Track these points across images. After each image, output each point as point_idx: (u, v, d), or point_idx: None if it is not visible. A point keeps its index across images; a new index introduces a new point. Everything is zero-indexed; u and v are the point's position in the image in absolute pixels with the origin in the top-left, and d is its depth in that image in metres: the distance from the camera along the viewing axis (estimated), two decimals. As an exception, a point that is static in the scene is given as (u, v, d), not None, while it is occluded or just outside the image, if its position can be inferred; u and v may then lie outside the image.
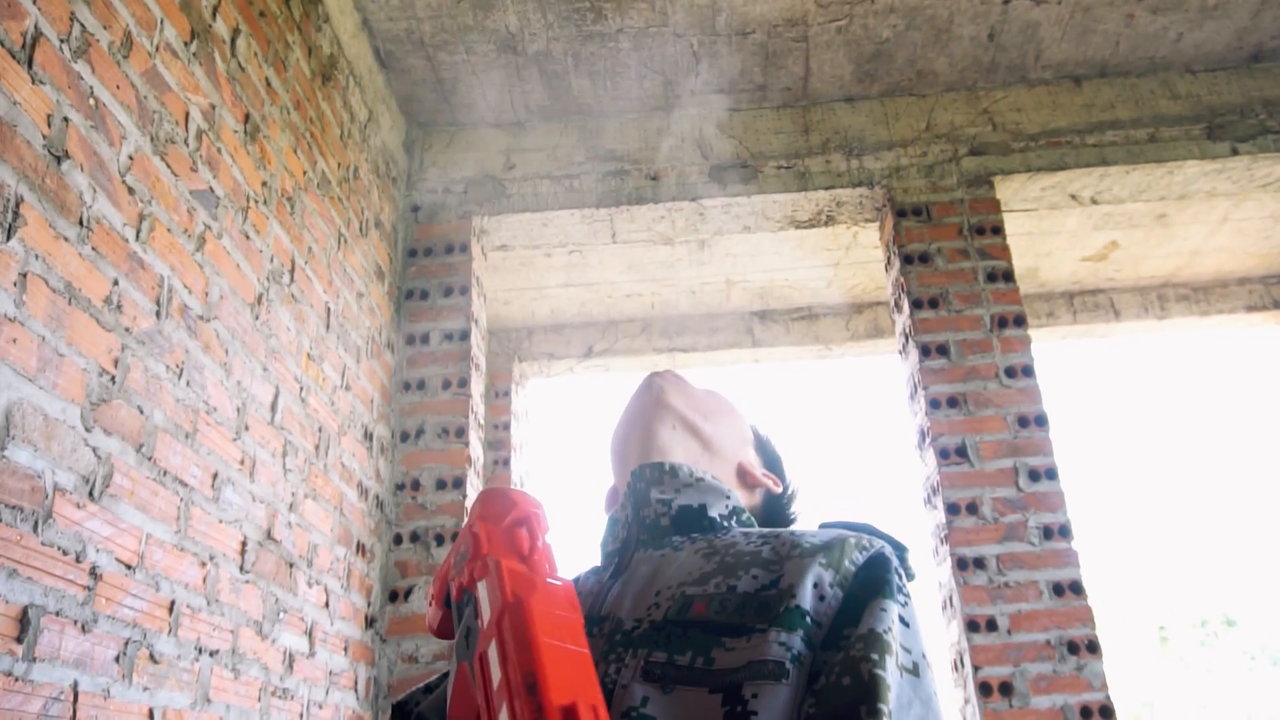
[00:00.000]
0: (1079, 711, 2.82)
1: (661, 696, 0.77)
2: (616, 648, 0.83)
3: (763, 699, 0.74)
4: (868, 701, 0.72)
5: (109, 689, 1.71)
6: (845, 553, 0.82)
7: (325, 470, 2.75)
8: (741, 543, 0.88)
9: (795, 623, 0.77)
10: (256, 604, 2.29)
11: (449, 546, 3.16)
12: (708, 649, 0.78)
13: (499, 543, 0.76)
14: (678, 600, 0.84)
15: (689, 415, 1.02)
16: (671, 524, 0.94)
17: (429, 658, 3.03)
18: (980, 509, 3.05)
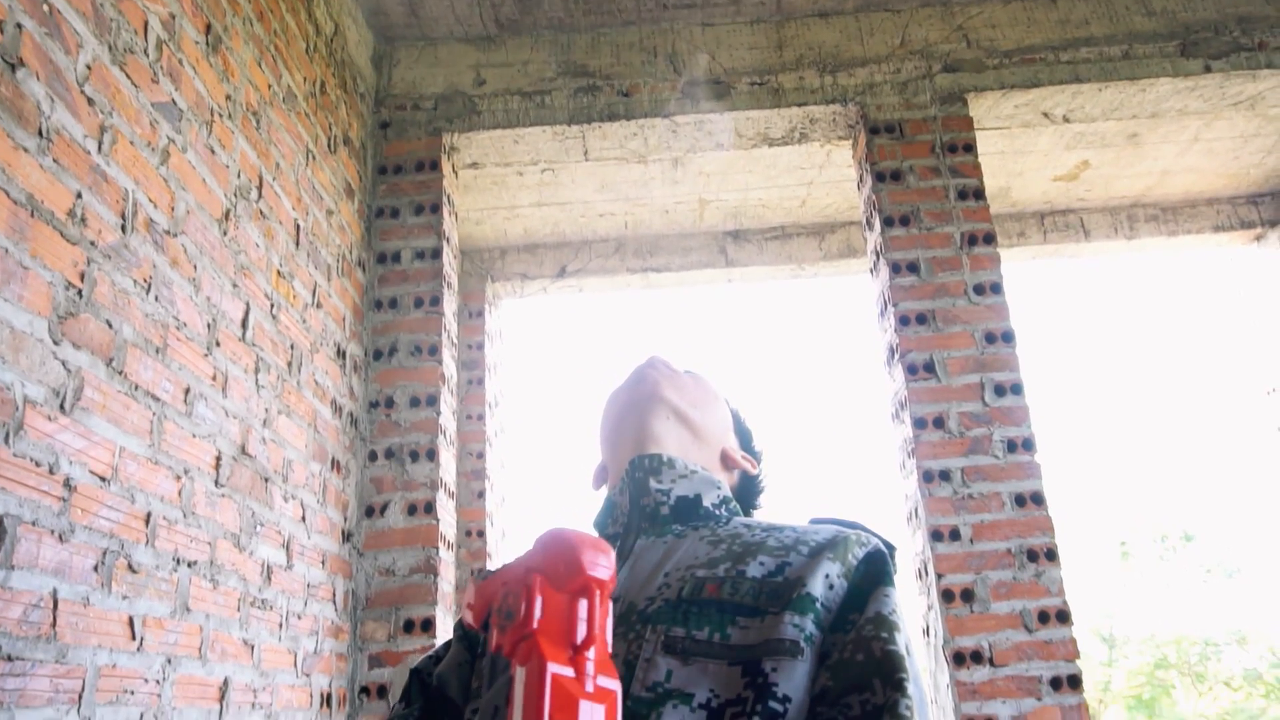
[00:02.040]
0: (1036, 616, 2.93)
1: (683, 668, 0.82)
2: (634, 626, 0.88)
3: (782, 672, 0.81)
4: (882, 674, 0.80)
5: (88, 597, 1.74)
6: (849, 548, 0.90)
7: (298, 387, 2.76)
8: (745, 534, 0.95)
9: (807, 608, 0.85)
10: (233, 517, 2.32)
11: (424, 463, 3.19)
12: (723, 626, 0.84)
13: (551, 623, 0.69)
14: (689, 582, 0.89)
15: (680, 407, 1.07)
16: (670, 513, 0.99)
17: (405, 571, 3.09)
18: (947, 423, 3.11)
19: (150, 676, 1.93)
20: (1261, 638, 16.44)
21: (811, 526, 0.95)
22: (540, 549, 0.73)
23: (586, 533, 0.74)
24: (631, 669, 0.84)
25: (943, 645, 2.94)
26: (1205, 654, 16.51)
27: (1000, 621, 2.92)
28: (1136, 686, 16.64)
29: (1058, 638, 2.92)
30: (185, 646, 2.07)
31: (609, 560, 0.72)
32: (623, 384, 1.12)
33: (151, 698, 1.92)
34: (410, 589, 3.08)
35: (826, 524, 0.96)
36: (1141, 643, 16.97)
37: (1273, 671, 16.22)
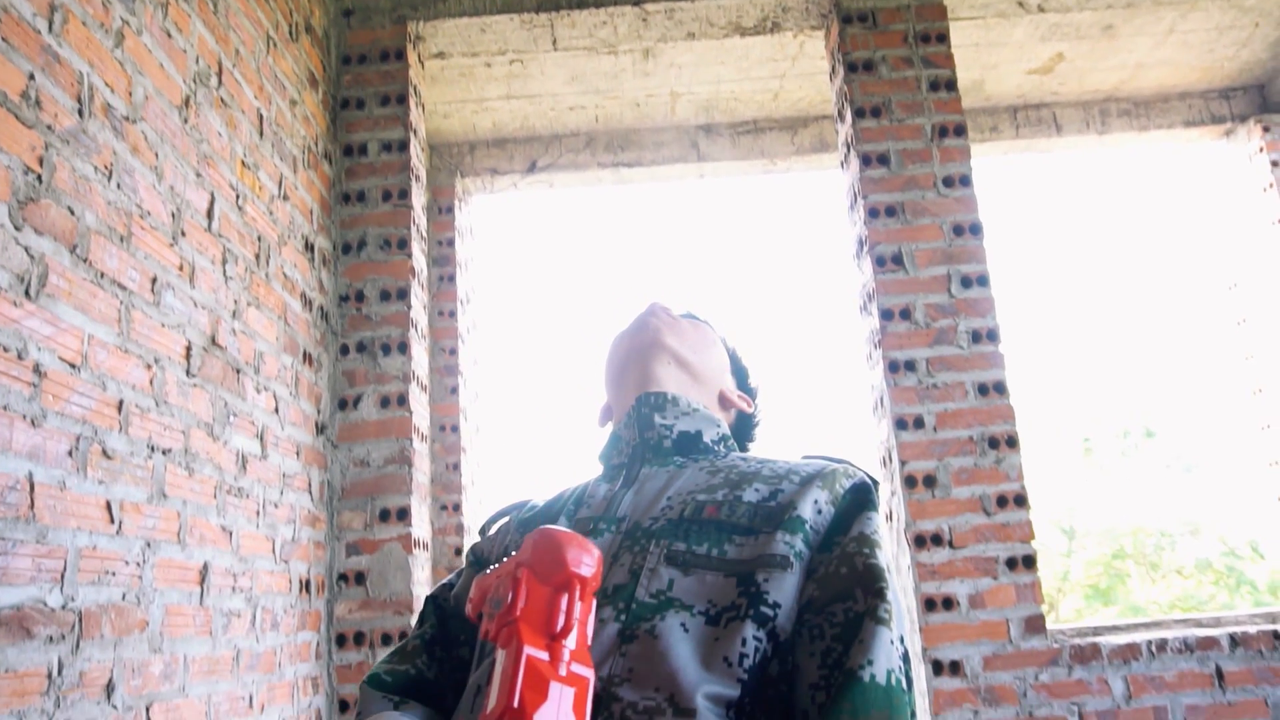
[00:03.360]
0: (995, 500, 3.03)
1: (684, 579, 0.90)
2: (639, 540, 0.96)
3: (772, 582, 0.89)
4: (864, 584, 0.89)
5: (64, 481, 1.76)
6: (837, 479, 0.98)
7: (267, 279, 2.75)
8: (741, 465, 1.03)
9: (797, 528, 0.93)
10: (205, 407, 2.33)
11: (395, 356, 3.21)
12: (720, 543, 0.93)
13: (533, 612, 0.75)
14: (690, 504, 0.97)
15: (681, 352, 1.15)
16: (673, 446, 1.07)
17: (380, 462, 3.13)
18: (913, 314, 3.15)
19: (131, 559, 1.97)
20: (1213, 528, 17.02)
21: (803, 460, 1.03)
22: (530, 545, 0.79)
23: (574, 534, 0.80)
24: (636, 577, 0.92)
25: (904, 529, 3.03)
26: (1160, 544, 17.09)
27: (960, 506, 3.02)
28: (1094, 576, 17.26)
29: (1015, 520, 3.02)
30: (164, 531, 2.11)
31: (592, 559, 0.79)
32: (625, 330, 1.19)
33: (133, 579, 1.97)
34: (385, 479, 3.13)
35: (817, 460, 1.04)
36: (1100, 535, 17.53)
37: (1223, 560, 16.86)
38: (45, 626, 1.68)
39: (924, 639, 2.94)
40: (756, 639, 0.87)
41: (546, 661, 0.72)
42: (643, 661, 0.86)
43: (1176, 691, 2.94)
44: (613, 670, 0.86)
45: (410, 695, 1.05)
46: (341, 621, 3.04)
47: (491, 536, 1.18)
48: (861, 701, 0.82)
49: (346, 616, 3.04)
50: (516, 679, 0.70)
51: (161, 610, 2.07)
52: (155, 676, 2.03)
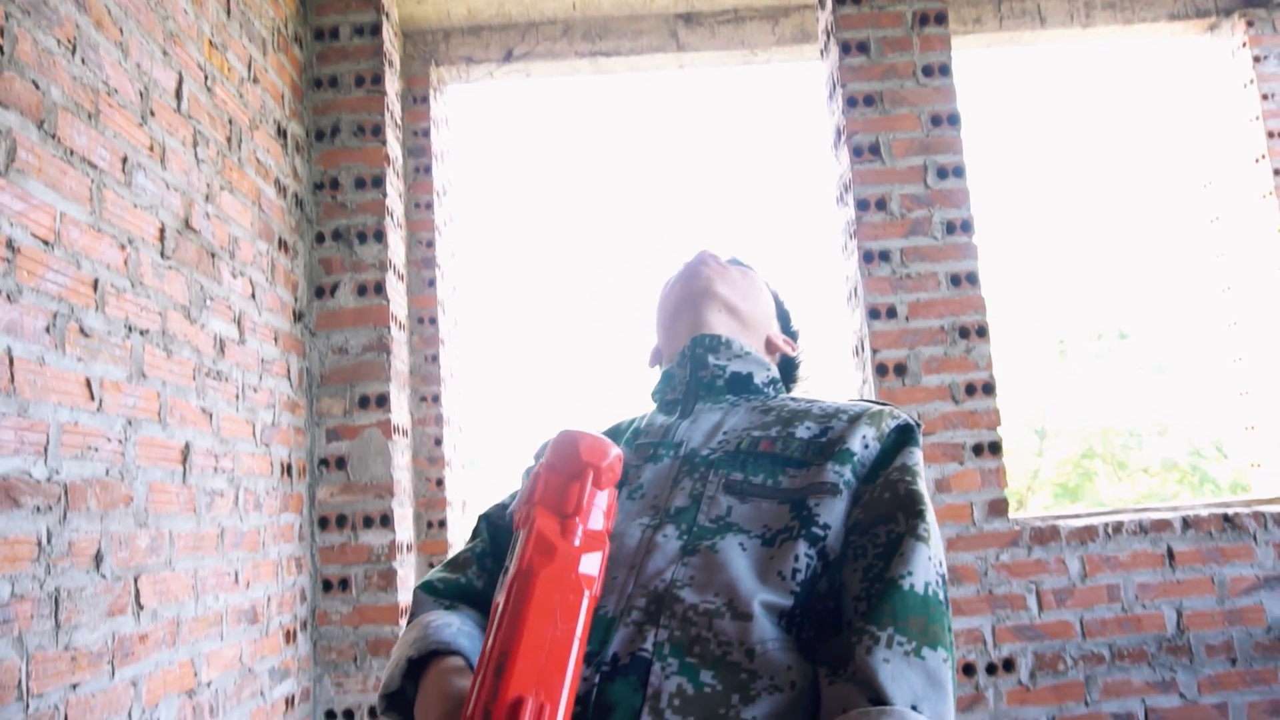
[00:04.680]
0: (964, 388, 3.09)
1: (741, 505, 0.98)
2: (698, 467, 1.03)
3: (823, 506, 0.97)
4: (904, 508, 0.96)
5: (43, 357, 1.78)
6: (883, 418, 1.05)
7: (240, 164, 2.72)
8: (791, 404, 1.10)
9: (846, 459, 1.00)
10: (181, 289, 2.34)
11: (371, 244, 3.21)
12: (775, 474, 1.00)
13: (549, 495, 0.80)
14: (746, 439, 1.05)
15: (731, 299, 1.20)
16: (725, 385, 1.14)
17: (358, 349, 3.16)
18: (889, 205, 3.16)
19: (112, 436, 2.00)
20: (1181, 429, 17.40)
21: (850, 401, 1.11)
22: (550, 445, 0.85)
23: (591, 432, 0.87)
24: (698, 503, 0.99)
25: (874, 415, 3.10)
26: (1128, 444, 17.49)
27: (930, 394, 3.09)
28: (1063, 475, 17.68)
29: (982, 408, 3.10)
30: (144, 410, 2.13)
31: (606, 450, 0.84)
32: (677, 277, 1.24)
33: (115, 455, 2.00)
34: (364, 366, 3.15)
35: (861, 402, 1.11)
36: (1070, 434, 17.90)
37: (1188, 460, 17.28)
38: (32, 497, 1.72)
39: (890, 521, 3.03)
40: (808, 555, 0.95)
41: (557, 532, 0.78)
42: (703, 570, 0.93)
43: (1130, 570, 3.06)
44: (675, 576, 0.93)
45: (460, 601, 1.10)
46: (323, 505, 3.11)
47: None
48: (901, 606, 0.89)
49: (328, 500, 3.11)
50: (528, 547, 0.77)
51: (145, 487, 2.12)
52: (142, 550, 2.08)
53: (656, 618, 0.89)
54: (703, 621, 0.89)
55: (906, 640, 0.86)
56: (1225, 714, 3.01)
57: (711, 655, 0.87)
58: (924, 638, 0.87)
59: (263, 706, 2.66)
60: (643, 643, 0.88)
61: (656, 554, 0.94)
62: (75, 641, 1.82)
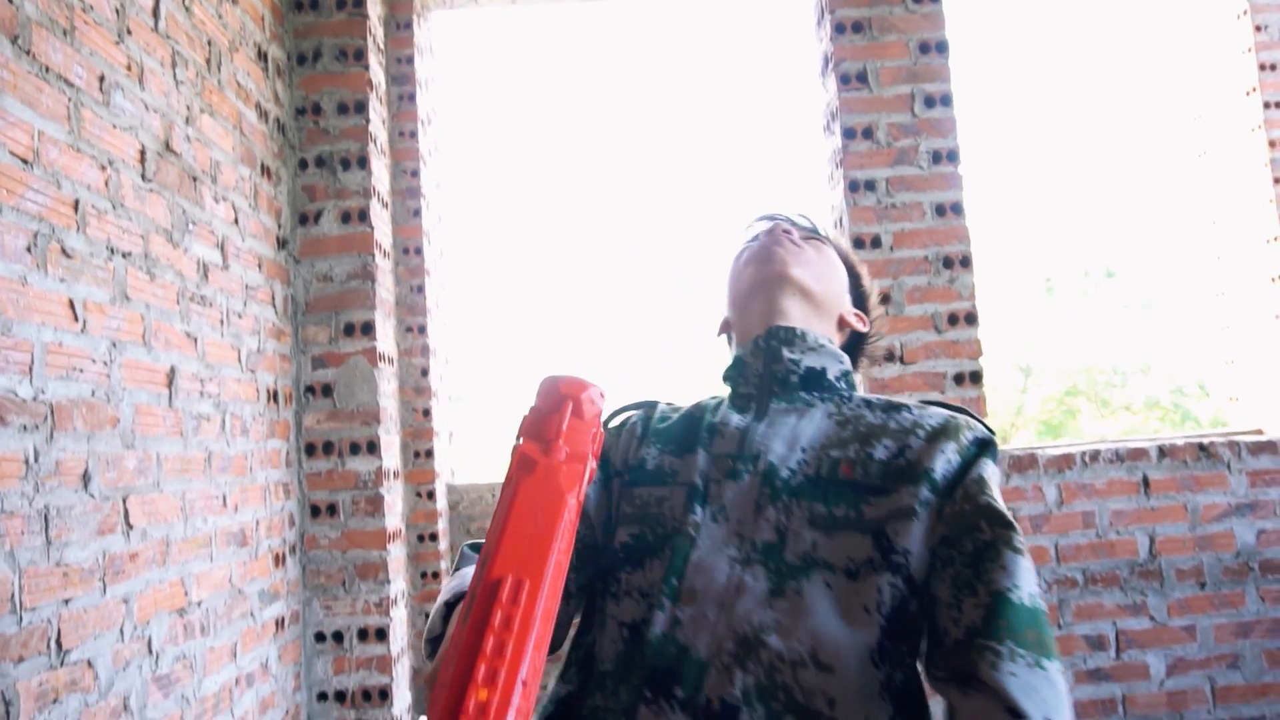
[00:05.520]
0: (947, 318, 3.12)
1: (825, 540, 0.99)
2: (780, 494, 1.03)
3: (901, 532, 0.98)
4: (988, 517, 0.97)
5: (25, 276, 1.78)
6: (961, 432, 1.04)
7: (220, 86, 2.69)
8: (867, 414, 1.09)
9: (923, 479, 1.00)
10: (163, 212, 2.33)
11: (355, 171, 3.18)
12: (857, 504, 1.00)
13: (532, 426, 0.83)
14: (826, 462, 1.04)
15: (807, 283, 1.16)
16: (799, 381, 1.12)
17: (343, 277, 3.15)
18: (875, 134, 3.15)
19: (97, 358, 2.00)
20: (1164, 367, 17.56)
21: (925, 410, 1.09)
22: (538, 389, 0.87)
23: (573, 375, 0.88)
24: (783, 538, 1.00)
25: (858, 345, 3.13)
26: (1112, 382, 17.65)
27: (913, 323, 3.11)
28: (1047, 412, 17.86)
29: (964, 338, 3.12)
30: (129, 333, 2.14)
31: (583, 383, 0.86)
32: (750, 256, 1.20)
33: (101, 377, 2.01)
34: (349, 294, 3.15)
35: (935, 405, 1.11)
36: (1055, 372, 18.04)
37: (1171, 398, 17.47)
38: (18, 415, 1.73)
39: (872, 449, 3.08)
40: (892, 584, 0.97)
41: (539, 452, 0.81)
42: (790, 615, 0.96)
43: (1105, 498, 3.12)
44: (763, 620, 0.96)
45: None
46: (310, 431, 3.13)
47: (615, 432, 1.21)
48: (1015, 620, 0.91)
49: (315, 427, 3.13)
50: (511, 465, 0.81)
51: (131, 409, 2.13)
52: (130, 471, 2.10)
53: (744, 663, 0.94)
54: (787, 670, 0.93)
55: (1026, 653, 0.89)
56: (1193, 636, 3.10)
57: (795, 703, 0.92)
58: (1040, 649, 0.90)
59: (253, 627, 2.71)
60: (731, 688, 0.93)
61: (746, 596, 0.97)
62: (66, 558, 1.85)
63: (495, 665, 0.63)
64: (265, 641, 2.79)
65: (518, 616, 0.66)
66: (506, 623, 0.65)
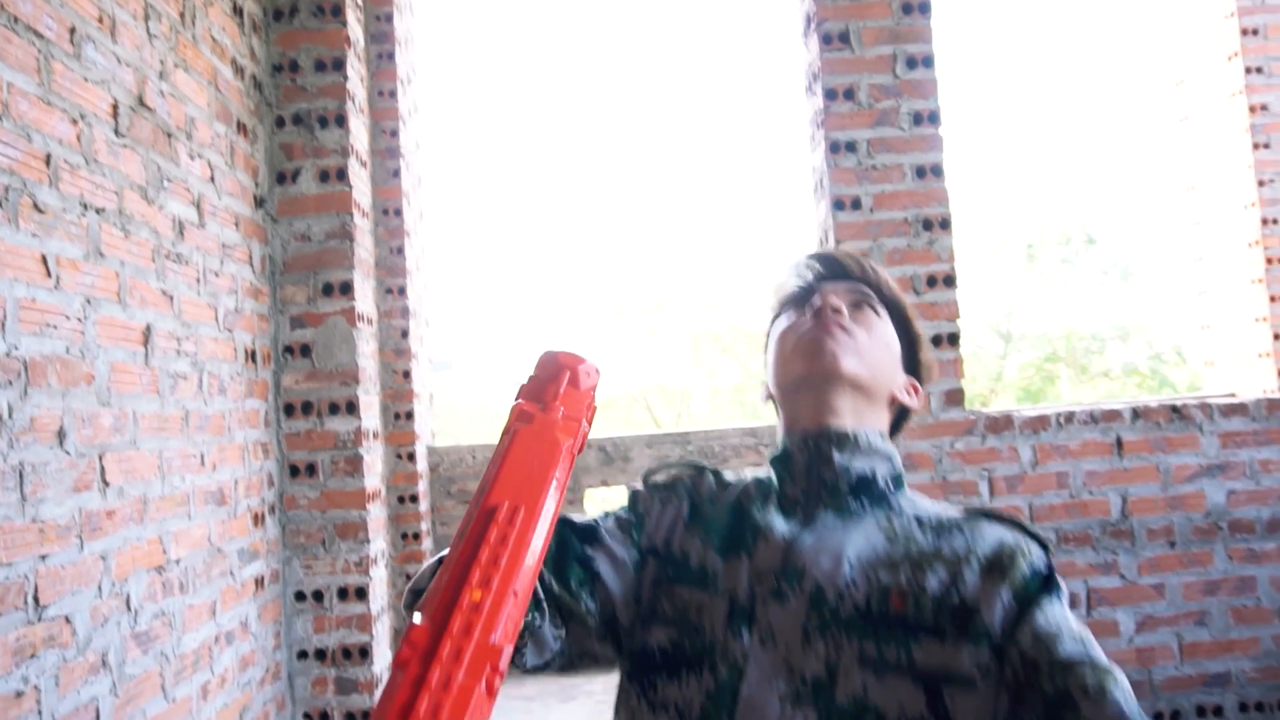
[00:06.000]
0: (925, 280, 3.13)
1: (877, 684, 0.94)
2: (829, 626, 0.97)
3: (959, 701, 0.92)
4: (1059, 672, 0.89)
5: (-4, 230, 1.76)
6: (1017, 566, 0.97)
7: (194, 41, 2.65)
8: (917, 534, 1.02)
9: (981, 637, 0.94)
10: (137, 169, 2.30)
11: (333, 129, 3.15)
12: (908, 646, 0.95)
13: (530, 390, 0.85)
14: (875, 590, 0.98)
15: (859, 376, 1.07)
16: (848, 488, 1.05)
17: (321, 236, 3.13)
18: (857, 95, 3.14)
19: (71, 314, 1.99)
20: (1142, 333, 17.71)
21: (977, 527, 1.02)
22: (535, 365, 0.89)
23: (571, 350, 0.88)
24: (833, 675, 0.95)
25: (837, 306, 3.14)
26: (1090, 348, 17.80)
27: (891, 285, 3.12)
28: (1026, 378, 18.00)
29: (943, 300, 3.14)
30: (103, 290, 2.12)
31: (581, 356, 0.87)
32: (798, 346, 1.10)
33: (75, 334, 2.00)
34: (327, 254, 3.13)
35: (983, 517, 1.04)
36: (1035, 339, 18.17)
37: (1148, 364, 17.64)
38: (-10, 371, 1.72)
39: (850, 410, 3.10)
40: None
41: (537, 409, 0.82)
42: None
43: (1079, 459, 3.16)
44: None
45: None
46: (289, 391, 3.12)
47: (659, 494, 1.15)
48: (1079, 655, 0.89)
49: (294, 387, 3.12)
50: (510, 419, 0.82)
51: (107, 366, 2.12)
52: (106, 428, 2.10)
53: None
54: None
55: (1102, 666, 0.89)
56: (1162, 594, 3.15)
57: None
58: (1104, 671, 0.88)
59: (232, 585, 2.72)
60: None
61: None
62: (42, 514, 1.85)
63: (489, 572, 0.64)
64: (245, 600, 2.80)
65: (513, 535, 0.68)
66: (502, 539, 0.67)
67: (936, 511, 1.06)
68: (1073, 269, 18.21)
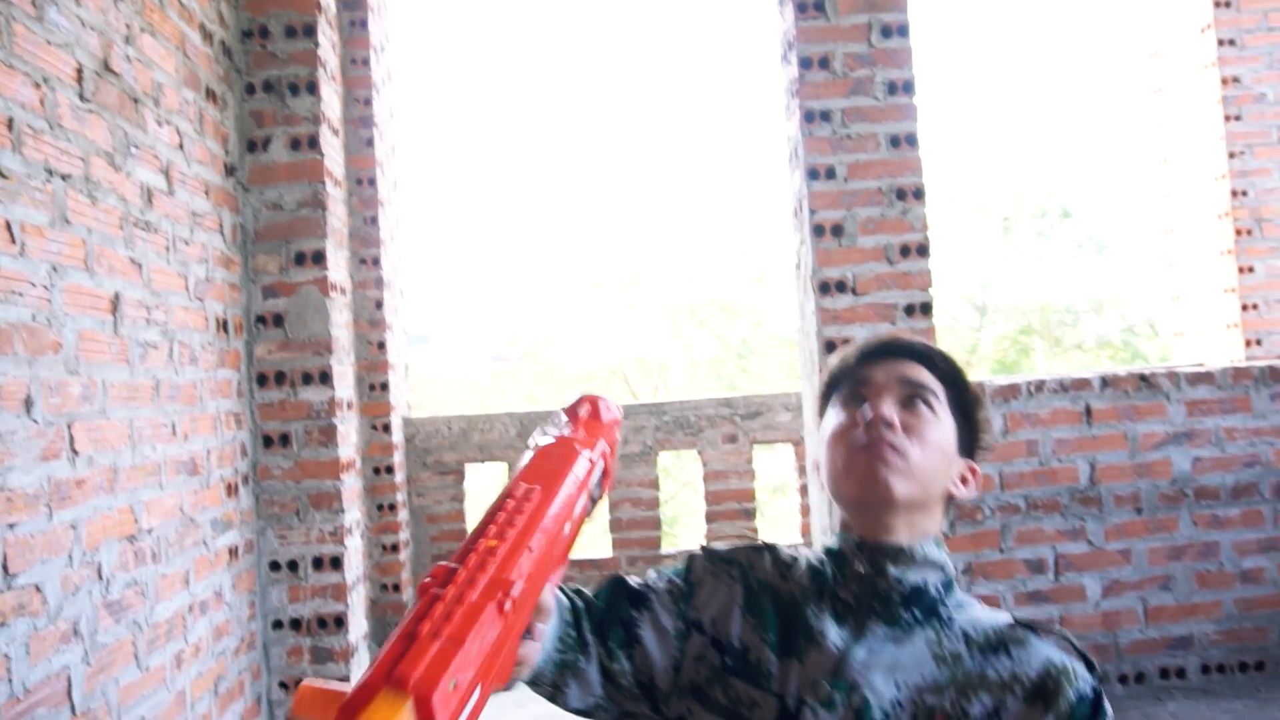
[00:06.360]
0: (899, 250, 3.14)
1: None
2: None
3: None
4: None
5: (-42, 196, 1.73)
6: (1062, 693, 0.98)
7: (161, 5, 2.61)
8: (965, 655, 1.04)
9: None
10: (104, 134, 2.27)
11: (304, 97, 3.11)
12: None
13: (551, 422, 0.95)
14: (922, 713, 1.00)
15: (914, 496, 1.07)
16: (901, 600, 1.06)
17: (293, 205, 3.10)
18: (831, 64, 3.13)
19: (37, 281, 1.97)
20: (1116, 306, 17.87)
21: (1025, 648, 1.03)
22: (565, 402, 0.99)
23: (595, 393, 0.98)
24: None
25: (811, 276, 3.15)
26: (1065, 321, 17.94)
27: (865, 254, 3.13)
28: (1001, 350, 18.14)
29: (916, 269, 3.15)
30: (70, 257, 2.10)
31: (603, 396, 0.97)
32: (855, 470, 1.09)
33: (41, 301, 1.98)
34: (299, 223, 3.11)
35: (1031, 632, 1.05)
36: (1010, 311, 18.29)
37: (1121, 336, 17.81)
38: (-46, 338, 1.70)
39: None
40: None
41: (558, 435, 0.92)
42: None
43: (1049, 427, 3.20)
44: None
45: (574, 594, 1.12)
46: (262, 362, 3.10)
47: (718, 568, 1.16)
48: None
49: (266, 357, 3.10)
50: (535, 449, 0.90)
51: (75, 335, 2.10)
52: (74, 397, 2.08)
53: None
54: None
55: None
56: (1128, 559, 3.21)
57: None
58: None
59: (205, 555, 2.71)
60: None
61: None
62: (10, 483, 1.83)
63: (505, 529, 0.70)
64: (219, 569, 2.80)
65: (529, 506, 0.74)
66: (518, 507, 0.74)
67: (986, 624, 1.07)
68: (1048, 242, 18.32)
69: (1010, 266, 18.19)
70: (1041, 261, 18.42)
